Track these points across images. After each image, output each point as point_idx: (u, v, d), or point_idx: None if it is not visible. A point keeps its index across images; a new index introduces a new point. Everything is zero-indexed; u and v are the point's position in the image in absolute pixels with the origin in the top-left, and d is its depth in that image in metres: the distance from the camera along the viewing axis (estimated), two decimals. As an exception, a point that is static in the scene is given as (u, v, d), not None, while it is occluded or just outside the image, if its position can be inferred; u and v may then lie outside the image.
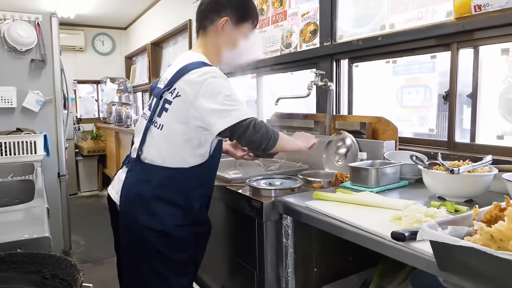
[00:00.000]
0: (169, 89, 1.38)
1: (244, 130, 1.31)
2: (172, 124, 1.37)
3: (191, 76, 1.34)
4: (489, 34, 1.55)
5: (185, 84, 1.34)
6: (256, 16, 1.55)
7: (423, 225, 0.79)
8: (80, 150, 5.93)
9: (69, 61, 6.10)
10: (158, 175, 1.38)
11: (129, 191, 1.41)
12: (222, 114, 1.30)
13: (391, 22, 1.99)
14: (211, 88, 1.31)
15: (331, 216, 1.19)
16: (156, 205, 1.38)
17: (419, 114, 1.95)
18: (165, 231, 1.38)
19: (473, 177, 1.25)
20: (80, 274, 0.83)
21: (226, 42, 1.49)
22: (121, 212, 1.44)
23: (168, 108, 1.37)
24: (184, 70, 1.37)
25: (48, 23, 3.02)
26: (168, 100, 1.38)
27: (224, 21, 1.46)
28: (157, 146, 1.39)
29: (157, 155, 1.39)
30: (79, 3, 5.17)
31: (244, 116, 1.31)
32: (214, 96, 1.30)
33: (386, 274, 1.55)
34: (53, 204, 3.05)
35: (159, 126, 1.39)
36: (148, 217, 1.37)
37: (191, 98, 1.32)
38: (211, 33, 1.49)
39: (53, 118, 3.11)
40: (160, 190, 1.38)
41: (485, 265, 0.69)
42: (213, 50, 1.50)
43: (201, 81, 1.31)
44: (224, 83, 1.34)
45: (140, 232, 1.38)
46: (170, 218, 1.39)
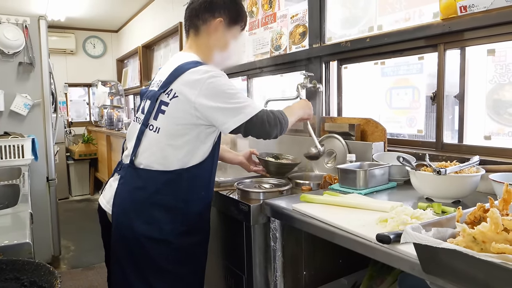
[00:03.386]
0: (165, 90, 1.33)
1: (259, 125, 1.31)
2: (170, 126, 1.32)
3: (188, 76, 1.30)
4: (475, 35, 1.56)
5: (183, 85, 1.30)
6: (246, 19, 1.54)
7: (407, 227, 0.78)
8: (71, 153, 5.88)
9: (60, 64, 6.06)
10: (155, 181, 1.33)
11: (123, 199, 1.35)
12: (232, 112, 1.28)
13: (379, 24, 1.99)
14: (213, 87, 1.28)
15: (317, 219, 1.18)
16: (154, 212, 1.32)
17: (407, 115, 1.95)
18: (165, 239, 1.32)
19: (460, 178, 1.25)
20: (58, 281, 0.81)
21: (217, 43, 1.46)
22: (115, 222, 1.36)
23: (165, 110, 1.32)
24: (180, 70, 1.33)
25: (36, 25, 3.00)
26: (164, 102, 1.33)
27: (218, 22, 1.43)
28: (154, 150, 1.33)
29: (155, 160, 1.33)
30: (69, 6, 5.13)
31: (255, 111, 1.30)
32: (218, 95, 1.27)
33: (375, 276, 1.54)
34: (42, 209, 3.01)
35: (155, 129, 1.34)
36: (145, 225, 1.31)
37: (190, 98, 1.28)
38: (203, 33, 1.45)
39: (42, 121, 3.08)
40: (158, 196, 1.32)
41: (468, 267, 0.68)
42: (205, 50, 1.46)
43: (200, 80, 1.28)
44: (225, 80, 1.31)
45: (136, 242, 1.32)
46: (169, 225, 1.33)
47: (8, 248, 1.04)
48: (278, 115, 1.37)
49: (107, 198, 1.42)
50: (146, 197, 1.32)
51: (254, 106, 1.31)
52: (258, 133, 1.34)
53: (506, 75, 1.54)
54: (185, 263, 1.39)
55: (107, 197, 1.42)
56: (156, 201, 1.32)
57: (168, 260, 1.34)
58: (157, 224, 1.32)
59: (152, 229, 1.32)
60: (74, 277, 3.09)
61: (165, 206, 1.33)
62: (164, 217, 1.33)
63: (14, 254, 1.03)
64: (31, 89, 3.00)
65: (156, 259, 1.33)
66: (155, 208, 1.32)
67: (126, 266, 1.35)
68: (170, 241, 1.33)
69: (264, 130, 1.33)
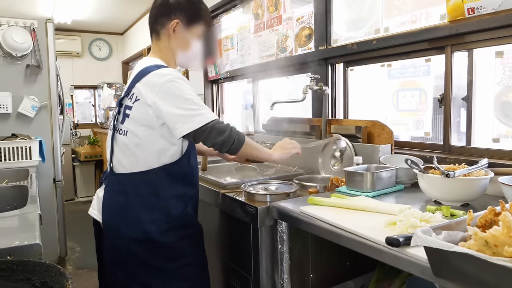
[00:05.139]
0: (127, 94, 1.38)
1: (207, 134, 1.31)
2: (136, 128, 1.36)
3: (147, 78, 1.34)
4: (483, 37, 1.55)
5: (142, 87, 1.34)
6: (207, 16, 1.54)
7: (417, 231, 0.77)
8: (77, 155, 5.91)
9: (66, 67, 6.10)
10: (132, 183, 1.37)
11: (109, 206, 1.41)
12: (183, 119, 1.29)
13: (386, 26, 1.98)
14: (169, 91, 1.30)
15: (325, 222, 1.18)
16: (136, 214, 1.36)
17: (414, 118, 1.94)
18: (150, 239, 1.36)
19: (469, 181, 1.25)
20: (69, 282, 0.82)
21: (179, 45, 1.48)
22: (105, 230, 1.43)
23: (129, 114, 1.37)
24: (140, 74, 1.37)
25: (43, 28, 3.02)
26: (128, 106, 1.38)
27: (174, 24, 1.45)
28: (125, 152, 1.38)
29: (127, 162, 1.38)
30: (76, 9, 5.17)
31: (206, 120, 1.30)
32: (173, 100, 1.30)
33: (383, 279, 1.53)
34: (49, 210, 3.03)
35: (123, 133, 1.39)
36: (130, 228, 1.36)
37: (148, 100, 1.31)
38: (163, 37, 1.48)
39: (49, 123, 3.10)
40: (137, 197, 1.37)
41: (480, 271, 0.67)
42: (168, 53, 1.49)
43: (158, 83, 1.31)
44: (183, 85, 1.33)
45: (124, 247, 1.37)
46: (153, 225, 1.36)
47: (18, 249, 1.05)
48: (232, 131, 1.35)
49: (96, 208, 1.48)
50: (128, 200, 1.37)
51: (206, 115, 1.31)
52: (208, 142, 1.33)
53: (514, 77, 1.53)
54: (176, 259, 1.41)
55: (96, 207, 1.48)
56: (137, 202, 1.37)
57: (159, 259, 1.38)
58: (141, 225, 1.36)
59: (137, 231, 1.35)
60: (80, 278, 3.10)
61: (146, 206, 1.37)
62: (147, 217, 1.36)
63: (24, 255, 1.04)
64: (38, 91, 3.03)
65: (147, 260, 1.37)
66: (137, 209, 1.36)
67: (121, 273, 1.39)
68: (156, 240, 1.36)
69: (213, 139, 1.32)
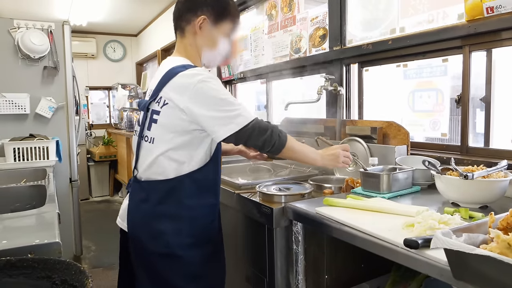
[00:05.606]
0: (155, 98, 1.29)
1: (248, 135, 1.24)
2: (164, 134, 1.28)
3: (177, 80, 1.25)
4: (502, 36, 1.53)
5: (171, 90, 1.25)
6: (236, 13, 1.44)
7: (437, 233, 0.77)
8: (92, 155, 5.99)
9: (81, 68, 6.19)
10: (156, 191, 1.30)
11: (132, 215, 1.34)
12: (222, 121, 1.22)
13: (401, 26, 1.97)
14: (202, 92, 1.22)
15: (342, 223, 1.17)
16: (159, 224, 1.28)
17: (431, 118, 1.92)
18: (171, 252, 1.28)
19: (488, 182, 1.23)
20: (89, 280, 0.83)
21: (205, 42, 1.39)
22: (130, 240, 1.35)
23: (157, 119, 1.28)
24: (168, 76, 1.27)
25: (60, 31, 3.07)
26: (156, 111, 1.29)
27: (201, 20, 1.36)
28: (151, 161, 1.30)
29: (153, 171, 1.30)
30: (91, 11, 5.24)
31: (246, 120, 1.23)
32: (208, 101, 1.22)
33: (398, 281, 1.52)
34: (65, 209, 3.07)
35: (150, 140, 1.31)
36: (152, 240, 1.28)
37: (180, 104, 1.23)
38: (188, 34, 1.39)
39: (65, 124, 3.15)
40: (162, 206, 1.29)
41: (502, 275, 0.66)
42: (194, 51, 1.40)
43: (189, 84, 1.22)
44: (216, 85, 1.25)
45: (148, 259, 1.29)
46: (176, 237, 1.28)
47: (39, 248, 1.06)
48: (274, 130, 1.28)
49: (122, 217, 1.41)
50: (150, 209, 1.30)
51: (246, 115, 1.24)
52: (250, 144, 1.28)
53: (535, 77, 1.50)
54: (200, 279, 1.32)
55: (122, 216, 1.42)
56: (161, 212, 1.29)
57: (181, 277, 1.29)
58: (164, 237, 1.28)
59: (159, 243, 1.28)
60: (96, 277, 3.14)
61: (170, 216, 1.29)
62: (170, 229, 1.28)
63: (44, 253, 1.05)
64: (55, 92, 3.08)
65: (168, 276, 1.29)
66: (160, 219, 1.29)
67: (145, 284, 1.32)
68: (179, 255, 1.28)
69: (256, 141, 1.26)
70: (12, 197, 1.89)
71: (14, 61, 2.93)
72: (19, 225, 1.29)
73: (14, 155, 2.55)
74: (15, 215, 1.39)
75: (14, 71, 2.93)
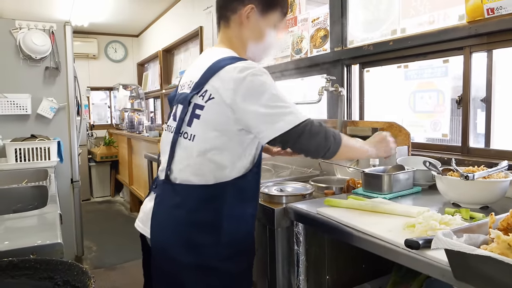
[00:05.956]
0: (198, 91, 1.15)
1: (297, 137, 1.10)
2: (207, 132, 1.14)
3: (225, 73, 1.12)
4: (502, 38, 1.53)
5: (219, 84, 1.12)
6: (285, 2, 1.33)
7: (438, 233, 0.77)
8: (93, 156, 6.01)
9: (82, 69, 6.20)
10: (194, 197, 1.15)
11: (160, 220, 1.18)
12: (271, 118, 1.09)
13: (402, 27, 1.97)
14: (252, 86, 1.09)
15: (343, 223, 1.17)
16: (194, 234, 1.15)
17: (432, 119, 1.92)
18: (208, 266, 1.15)
19: (488, 183, 1.23)
20: (92, 281, 0.83)
21: (252, 34, 1.27)
22: (153, 248, 1.19)
23: (200, 115, 1.15)
24: (214, 68, 1.15)
25: (62, 31, 3.08)
26: (199, 105, 1.15)
27: (249, 10, 1.24)
28: (191, 161, 1.16)
29: (191, 172, 1.16)
30: (92, 12, 5.26)
31: (297, 120, 1.09)
32: (257, 97, 1.09)
33: (399, 282, 1.52)
34: (66, 210, 3.08)
35: (190, 137, 1.16)
36: (185, 250, 1.14)
37: (226, 99, 1.10)
38: (234, 24, 1.27)
39: (67, 124, 3.16)
40: (198, 214, 1.15)
41: (502, 275, 0.67)
42: (238, 43, 1.28)
43: (238, 78, 1.10)
44: (267, 80, 1.12)
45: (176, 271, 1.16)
46: (212, 249, 1.16)
47: (41, 248, 1.07)
48: (328, 131, 1.14)
49: (143, 220, 1.25)
50: (185, 216, 1.15)
51: (297, 114, 1.11)
52: (299, 147, 1.14)
53: (535, 78, 1.50)
54: None
55: (143, 219, 1.26)
56: (197, 220, 1.15)
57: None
58: (199, 247, 1.15)
59: (193, 254, 1.14)
60: (97, 278, 3.11)
61: (207, 225, 1.16)
62: (206, 240, 1.15)
63: (46, 254, 1.05)
64: (56, 93, 3.08)
65: None
66: (196, 228, 1.15)
67: None
68: (214, 267, 1.16)
69: (306, 144, 1.12)
70: (13, 197, 1.89)
71: (15, 62, 2.94)
72: (21, 225, 1.30)
73: (16, 155, 2.56)
74: (17, 216, 1.39)
75: (15, 71, 2.94)
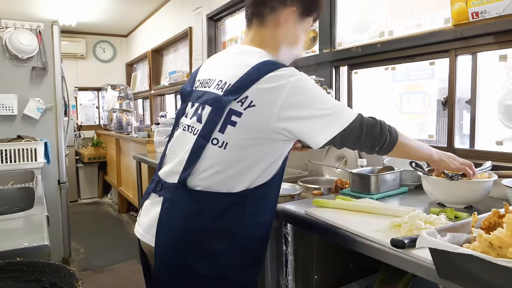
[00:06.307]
0: (237, 97, 1.06)
1: (356, 133, 1.07)
2: (242, 141, 1.07)
3: (269, 80, 1.05)
4: (487, 41, 1.56)
5: (263, 91, 1.05)
6: (321, 8, 1.26)
7: (422, 232, 0.78)
8: (81, 157, 5.94)
9: (70, 69, 6.14)
10: (215, 204, 1.09)
11: (172, 228, 1.09)
12: (325, 120, 1.05)
13: (390, 29, 2.00)
14: (298, 92, 1.04)
15: (331, 223, 1.19)
16: (212, 243, 1.09)
17: (418, 120, 1.95)
18: (224, 276, 1.10)
19: (472, 183, 1.25)
20: (79, 283, 0.83)
21: (286, 37, 1.20)
22: (160, 257, 1.11)
23: (236, 122, 1.06)
24: (257, 73, 1.07)
25: (49, 31, 3.04)
26: (236, 112, 1.06)
27: (290, 12, 1.17)
28: (219, 169, 1.08)
29: (220, 181, 1.08)
30: (80, 11, 5.21)
31: (351, 116, 1.06)
32: (306, 102, 1.04)
33: (386, 281, 1.54)
34: (53, 212, 3.04)
35: (222, 144, 1.07)
36: (202, 260, 1.08)
37: (273, 108, 1.04)
38: (269, 24, 1.19)
39: (54, 125, 3.12)
40: (217, 223, 1.09)
41: (484, 273, 0.68)
42: (272, 45, 1.20)
43: (285, 86, 1.03)
44: (312, 84, 1.09)
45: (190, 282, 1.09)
46: (230, 258, 1.11)
47: (27, 251, 1.06)
48: (382, 124, 1.11)
49: (144, 225, 1.16)
50: (203, 225, 1.08)
51: (349, 111, 1.08)
52: (355, 144, 1.11)
53: (518, 80, 1.54)
54: None
55: (145, 224, 1.16)
56: (214, 229, 1.09)
57: None
58: (216, 257, 1.09)
59: (210, 264, 1.09)
60: (85, 280, 3.08)
61: (225, 235, 1.10)
62: (224, 248, 1.10)
63: (33, 256, 1.04)
64: (43, 93, 3.04)
65: None
66: (213, 238, 1.09)
67: None
68: (229, 278, 1.11)
69: (364, 140, 1.09)
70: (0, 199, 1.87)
71: (1, 62, 2.89)
72: (7, 227, 1.28)
73: (2, 156, 2.52)
74: (3, 218, 1.37)
75: (1, 71, 2.90)
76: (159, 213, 1.11)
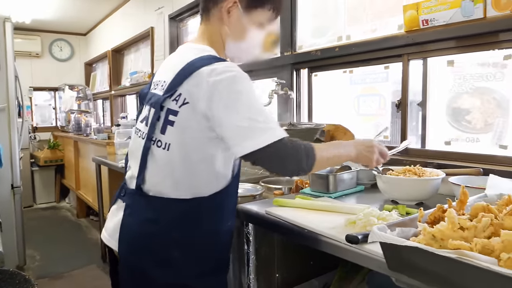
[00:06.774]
0: (171, 95, 1.03)
1: (269, 156, 1.00)
2: (183, 140, 1.04)
3: (200, 76, 1.00)
4: (436, 47, 1.66)
5: (194, 87, 1.01)
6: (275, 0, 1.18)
7: (373, 228, 0.83)
8: (36, 160, 5.68)
9: (24, 68, 5.86)
10: (170, 211, 1.07)
11: (131, 235, 1.09)
12: (246, 133, 0.98)
13: (348, 34, 2.07)
14: (229, 94, 0.98)
15: (290, 222, 1.22)
16: (170, 251, 1.07)
17: (374, 122, 2.04)
18: (184, 284, 1.08)
19: (422, 181, 1.33)
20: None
21: (231, 32, 1.15)
22: (123, 262, 1.11)
23: (174, 121, 1.03)
24: (189, 68, 1.03)
25: (1, 28, 2.91)
26: (172, 110, 1.04)
27: (230, 4, 1.12)
28: (166, 172, 1.06)
29: (167, 185, 1.06)
30: (35, 8, 4.98)
31: (275, 137, 0.99)
32: (234, 107, 0.98)
33: (345, 276, 1.60)
34: (7, 218, 2.90)
35: (165, 146, 1.05)
36: (160, 268, 1.06)
37: (201, 105, 1.00)
38: (214, 19, 1.16)
39: (7, 127, 2.97)
40: (174, 231, 1.07)
41: (428, 263, 0.73)
42: (218, 40, 1.16)
43: (214, 83, 0.98)
44: (246, 86, 1.02)
45: None
46: (189, 266, 1.09)
47: (-22, 257, 1.02)
48: (299, 151, 1.02)
49: (110, 231, 1.16)
50: (160, 232, 1.07)
51: (275, 131, 1.00)
52: (271, 166, 1.06)
53: (463, 85, 1.65)
54: None
55: (110, 230, 1.16)
56: (171, 236, 1.07)
57: None
58: (175, 265, 1.08)
59: (168, 272, 1.07)
60: (41, 287, 2.99)
61: (184, 242, 1.08)
62: (183, 256, 1.08)
63: (-16, 263, 1.01)
64: (-5, 93, 2.90)
65: None
66: (171, 245, 1.07)
67: None
68: (190, 286, 1.10)
69: (279, 164, 1.03)
70: None
71: None
72: (-45, 234, 1.22)
73: (-52, 160, 2.38)
74: (-49, 224, 1.31)
75: None
76: (122, 219, 1.11)
